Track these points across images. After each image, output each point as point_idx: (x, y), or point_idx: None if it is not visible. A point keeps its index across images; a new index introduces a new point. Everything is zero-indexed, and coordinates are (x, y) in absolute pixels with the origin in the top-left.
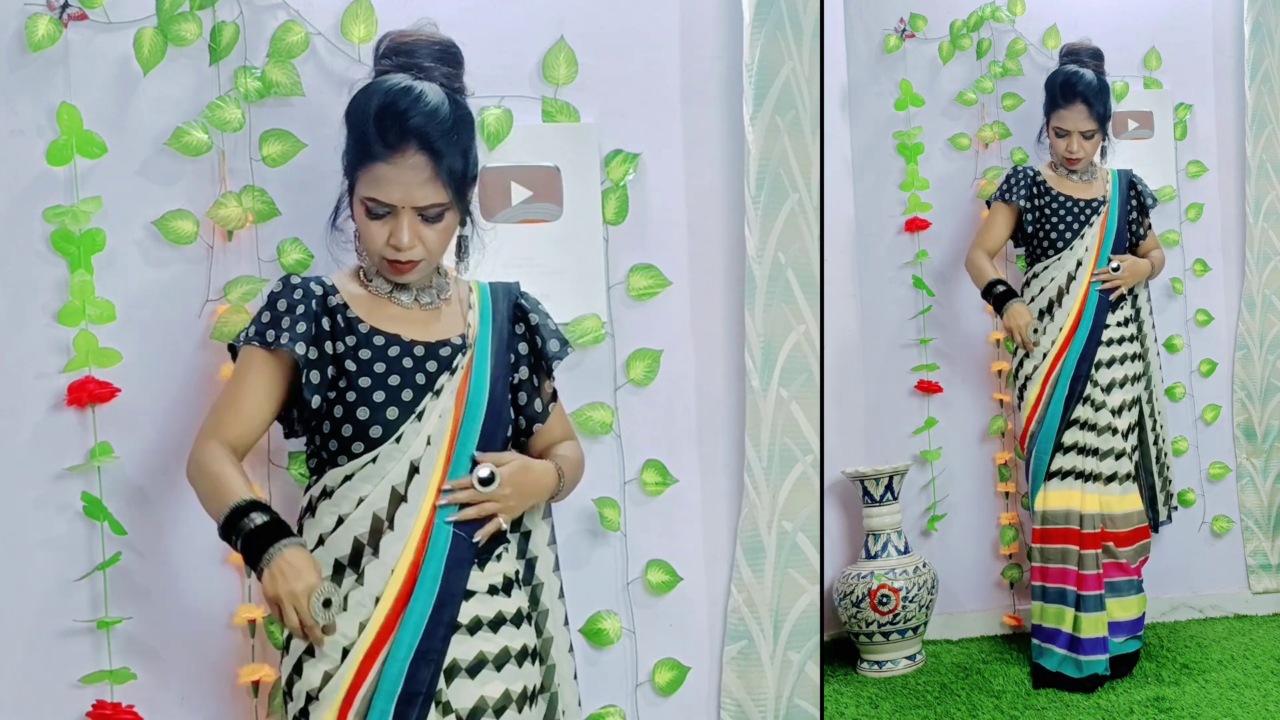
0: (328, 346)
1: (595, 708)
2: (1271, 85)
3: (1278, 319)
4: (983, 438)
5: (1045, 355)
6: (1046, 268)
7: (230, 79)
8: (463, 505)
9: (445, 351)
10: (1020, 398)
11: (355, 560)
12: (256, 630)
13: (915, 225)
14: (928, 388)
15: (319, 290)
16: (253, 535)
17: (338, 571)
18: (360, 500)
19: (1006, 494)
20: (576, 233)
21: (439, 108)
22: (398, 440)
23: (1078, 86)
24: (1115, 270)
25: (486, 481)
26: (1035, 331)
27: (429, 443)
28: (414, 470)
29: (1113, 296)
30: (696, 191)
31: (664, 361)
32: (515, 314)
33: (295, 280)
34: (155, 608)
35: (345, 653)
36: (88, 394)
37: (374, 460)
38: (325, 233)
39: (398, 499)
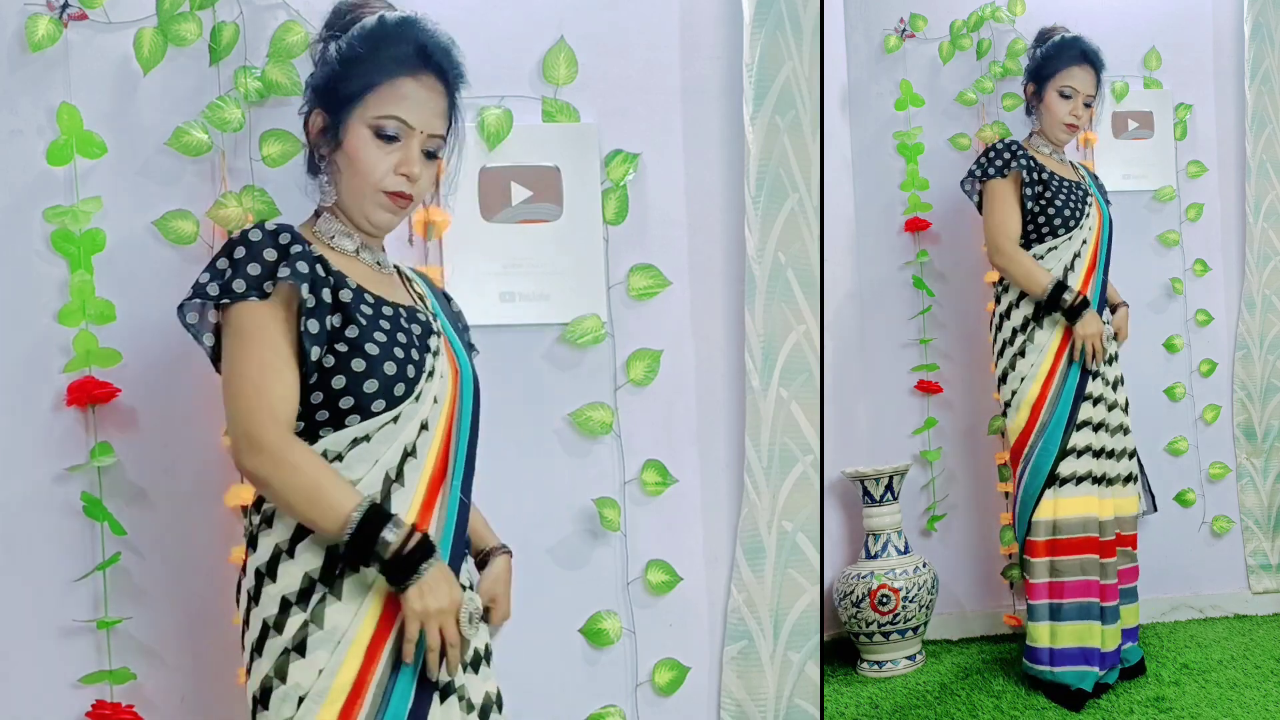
0: (325, 294)
1: (595, 708)
2: (1271, 85)
3: (1278, 319)
4: (983, 438)
5: (1043, 351)
6: (1054, 249)
7: (230, 79)
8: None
9: (421, 315)
10: (1009, 401)
11: None
12: None
13: (915, 225)
14: (928, 388)
15: (297, 238)
16: (392, 559)
17: None
18: (376, 462)
19: (1006, 494)
20: (576, 233)
21: (454, 48)
22: (417, 399)
23: (1085, 47)
24: (1114, 338)
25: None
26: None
27: (435, 401)
28: (423, 427)
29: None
30: (696, 191)
31: (664, 361)
32: (446, 298)
33: (270, 225)
34: (155, 608)
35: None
36: (88, 394)
37: (395, 420)
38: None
39: (407, 455)
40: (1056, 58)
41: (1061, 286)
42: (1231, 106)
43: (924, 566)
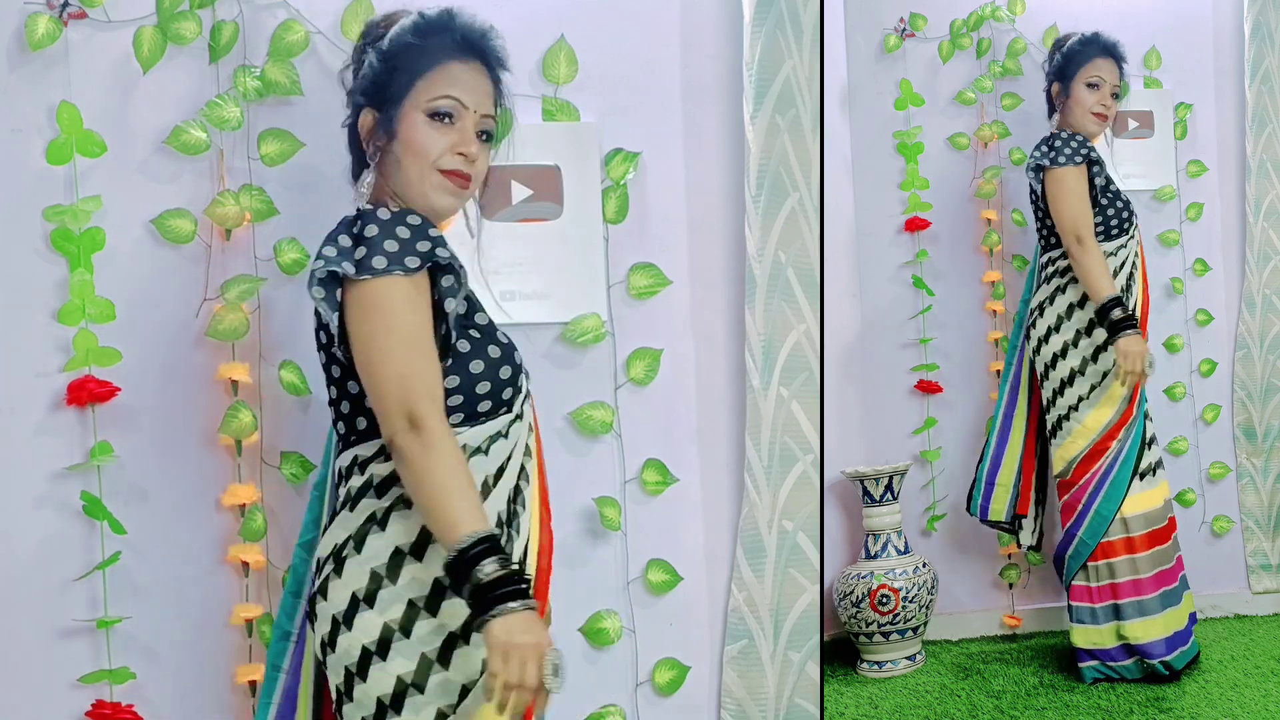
0: (463, 277)
1: (595, 707)
2: (1271, 85)
3: (1278, 319)
4: (982, 438)
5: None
6: (1111, 254)
7: (230, 78)
8: None
9: None
10: (1064, 417)
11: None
12: (254, 630)
13: (915, 225)
14: (928, 388)
15: (425, 219)
16: (484, 588)
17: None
18: (501, 469)
19: None
20: (577, 232)
21: (494, 33)
22: (526, 397)
23: (1107, 41)
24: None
25: None
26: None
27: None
28: (527, 451)
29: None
30: (697, 190)
31: (664, 360)
32: None
33: (394, 206)
34: (155, 608)
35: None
36: (87, 393)
37: (519, 417)
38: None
39: (525, 475)
40: (1082, 52)
41: (1115, 303)
42: (1231, 106)
43: (924, 566)
